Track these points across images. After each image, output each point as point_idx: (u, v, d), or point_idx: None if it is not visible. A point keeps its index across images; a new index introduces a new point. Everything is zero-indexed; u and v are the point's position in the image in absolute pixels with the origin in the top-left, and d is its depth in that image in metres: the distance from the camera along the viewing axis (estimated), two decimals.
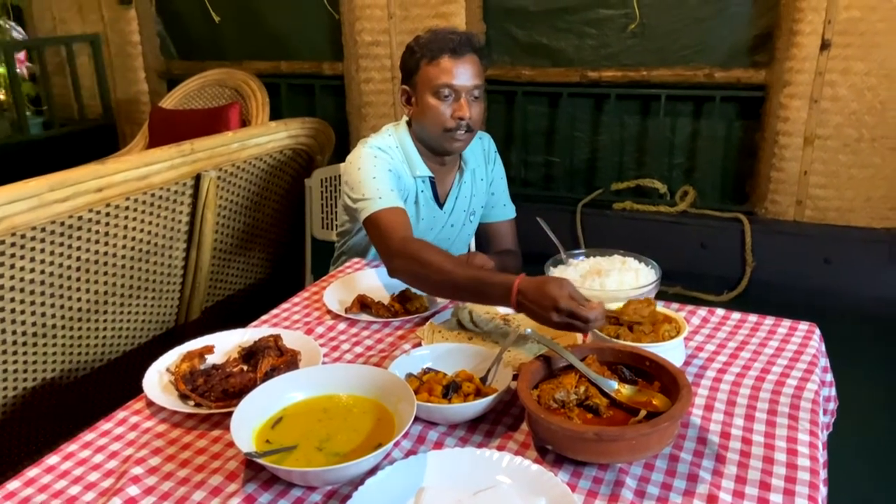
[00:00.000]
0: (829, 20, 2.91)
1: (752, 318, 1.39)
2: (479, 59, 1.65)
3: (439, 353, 1.22)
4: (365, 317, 1.44)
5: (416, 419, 1.04)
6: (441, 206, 1.82)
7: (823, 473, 1.07)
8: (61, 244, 1.58)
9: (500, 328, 1.36)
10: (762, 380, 1.17)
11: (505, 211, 1.96)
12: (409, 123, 1.75)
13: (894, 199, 3.04)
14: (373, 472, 0.93)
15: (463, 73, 1.61)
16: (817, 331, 1.34)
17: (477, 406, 1.05)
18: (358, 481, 0.91)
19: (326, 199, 2.43)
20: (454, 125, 1.64)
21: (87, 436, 1.07)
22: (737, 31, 3.18)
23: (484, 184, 1.91)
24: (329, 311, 1.47)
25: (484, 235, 2.01)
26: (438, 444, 1.03)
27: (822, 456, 1.04)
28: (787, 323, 1.36)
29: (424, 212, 1.78)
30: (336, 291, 1.55)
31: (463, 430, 1.07)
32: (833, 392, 1.31)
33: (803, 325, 1.35)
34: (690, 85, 3.28)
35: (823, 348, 1.32)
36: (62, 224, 1.56)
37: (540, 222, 1.60)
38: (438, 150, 1.73)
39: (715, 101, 3.26)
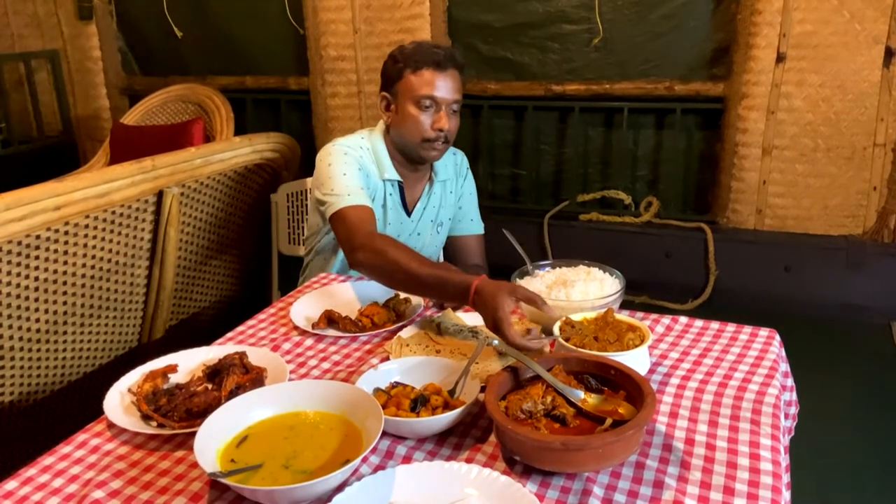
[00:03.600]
0: (784, 34, 2.99)
1: (715, 325, 1.42)
2: (460, 74, 1.70)
3: (407, 366, 1.22)
4: (332, 332, 1.43)
5: (385, 434, 1.03)
6: (409, 213, 1.84)
7: (786, 477, 1.09)
8: (18, 264, 1.54)
9: (468, 340, 1.36)
10: (724, 386, 1.19)
11: (472, 226, 1.98)
12: (387, 129, 1.78)
13: (850, 207, 3.13)
14: (340, 488, 0.93)
15: (445, 87, 1.66)
16: (777, 337, 1.37)
17: (445, 419, 1.05)
18: (325, 498, 0.90)
19: (293, 214, 2.41)
20: (433, 136, 1.68)
21: (47, 459, 1.05)
22: (695, 45, 3.25)
23: (453, 197, 1.93)
24: (296, 327, 1.46)
25: (451, 249, 2.03)
26: (407, 459, 1.03)
27: (784, 460, 1.05)
28: (748, 329, 1.39)
29: (392, 216, 1.81)
30: (303, 307, 1.53)
31: (431, 443, 1.06)
32: (794, 396, 1.33)
33: (763, 332, 1.38)
34: (652, 98, 3.34)
35: (784, 353, 1.35)
36: (19, 243, 1.52)
37: (506, 234, 1.61)
38: (414, 158, 1.76)
39: (676, 114, 3.33)
